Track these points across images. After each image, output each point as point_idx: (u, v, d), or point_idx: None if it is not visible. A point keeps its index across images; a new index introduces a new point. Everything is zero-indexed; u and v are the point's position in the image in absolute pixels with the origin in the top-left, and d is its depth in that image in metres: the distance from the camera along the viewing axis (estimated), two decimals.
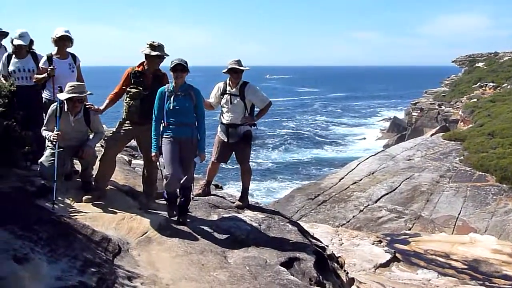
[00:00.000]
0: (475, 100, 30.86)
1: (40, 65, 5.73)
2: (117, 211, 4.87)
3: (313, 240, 5.36)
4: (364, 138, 46.01)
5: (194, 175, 5.40)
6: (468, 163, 18.29)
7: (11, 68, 5.84)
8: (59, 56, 5.74)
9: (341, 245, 10.05)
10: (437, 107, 36.32)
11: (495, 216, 14.54)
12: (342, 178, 18.61)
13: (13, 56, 5.91)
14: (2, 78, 5.91)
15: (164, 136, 4.92)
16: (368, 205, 16.06)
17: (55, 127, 5.05)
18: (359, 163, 20.34)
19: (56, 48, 5.74)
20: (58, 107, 5.08)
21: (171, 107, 4.82)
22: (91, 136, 5.38)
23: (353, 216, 15.55)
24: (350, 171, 19.31)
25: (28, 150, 5.92)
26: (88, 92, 5.20)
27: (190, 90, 4.94)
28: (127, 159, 7.62)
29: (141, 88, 5.13)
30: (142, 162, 8.29)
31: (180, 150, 4.90)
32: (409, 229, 14.24)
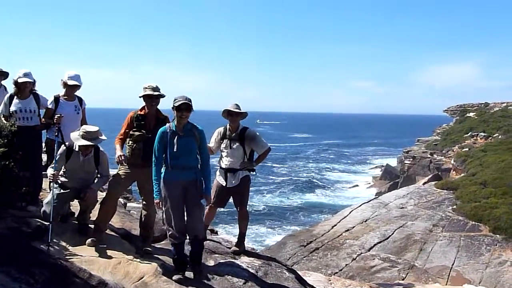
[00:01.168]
0: (467, 149, 31.22)
1: (48, 104, 5.88)
2: (113, 255, 4.84)
3: None
4: (357, 185, 46.02)
5: None
6: (461, 212, 18.31)
7: (12, 108, 5.85)
8: (66, 98, 5.89)
9: None
10: (429, 156, 36.66)
11: (489, 267, 14.44)
12: (335, 225, 18.48)
13: (15, 96, 5.96)
14: (3, 118, 5.96)
15: (166, 180, 4.69)
16: (361, 253, 15.90)
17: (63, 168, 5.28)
18: (352, 210, 20.28)
19: (64, 90, 5.91)
20: (66, 148, 5.27)
21: (174, 149, 4.59)
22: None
23: (346, 265, 15.36)
24: (343, 218, 19.21)
25: (25, 191, 5.93)
26: (103, 138, 5.31)
27: (194, 130, 4.73)
28: (122, 202, 7.60)
29: (144, 131, 5.12)
30: (137, 205, 8.31)
31: (185, 196, 4.72)
32: (403, 279, 14.07)
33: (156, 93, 5.10)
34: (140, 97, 5.16)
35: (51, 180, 5.10)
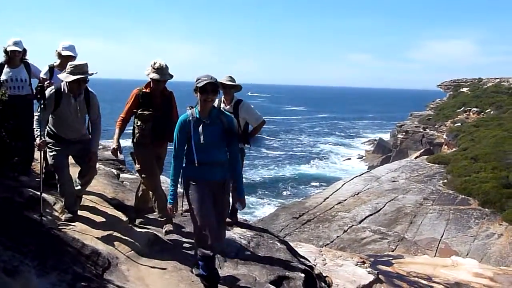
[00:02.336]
0: (459, 124, 31.38)
1: (41, 75, 5.76)
2: (106, 225, 4.86)
3: (302, 259, 5.41)
4: (349, 159, 46.26)
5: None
6: (451, 187, 18.53)
7: (3, 77, 5.81)
8: (60, 68, 5.62)
9: (324, 265, 10.04)
10: (421, 130, 36.82)
11: (477, 240, 14.70)
12: (327, 197, 18.67)
13: (6, 65, 5.90)
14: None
15: (194, 179, 3.88)
16: (352, 225, 16.10)
17: (51, 118, 4.87)
18: (344, 183, 20.47)
19: (59, 60, 5.75)
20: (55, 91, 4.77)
21: (200, 140, 3.77)
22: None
23: (337, 236, 15.57)
24: (335, 191, 19.40)
25: (17, 161, 5.91)
26: (95, 71, 4.87)
27: (221, 117, 3.92)
28: (115, 173, 7.59)
29: (152, 110, 4.89)
30: (130, 176, 8.31)
31: (212, 196, 3.95)
32: (393, 251, 14.31)
33: (163, 78, 4.89)
34: (147, 75, 4.91)
35: (37, 149, 4.81)
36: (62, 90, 4.80)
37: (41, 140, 4.68)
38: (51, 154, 4.88)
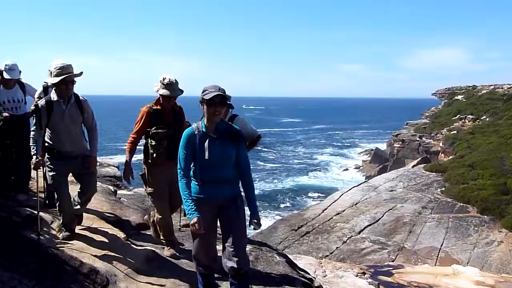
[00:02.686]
0: (455, 132, 31.50)
1: (36, 96, 5.65)
2: (104, 242, 4.84)
3: (301, 272, 5.38)
4: (347, 169, 46.31)
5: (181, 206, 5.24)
6: (450, 194, 18.54)
7: (2, 98, 5.85)
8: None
9: (324, 277, 9.99)
10: (418, 139, 36.93)
11: (477, 248, 14.67)
12: (325, 209, 18.63)
13: (1, 86, 5.93)
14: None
15: (194, 198, 3.58)
16: (351, 236, 16.07)
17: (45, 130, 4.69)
18: (342, 194, 20.45)
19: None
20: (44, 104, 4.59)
21: (206, 156, 3.51)
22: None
23: (337, 248, 15.52)
24: (333, 202, 19.37)
25: (13, 180, 5.91)
26: (80, 71, 4.66)
27: (230, 131, 3.66)
28: (112, 189, 7.58)
29: (167, 128, 4.72)
30: (128, 193, 8.29)
31: (221, 218, 3.73)
32: (393, 261, 14.26)
33: (174, 94, 4.73)
34: (157, 91, 4.73)
35: (33, 168, 4.67)
36: (51, 99, 4.65)
37: (37, 159, 4.57)
38: (51, 174, 4.76)
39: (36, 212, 4.98)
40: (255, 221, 3.65)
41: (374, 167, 41.77)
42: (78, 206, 5.01)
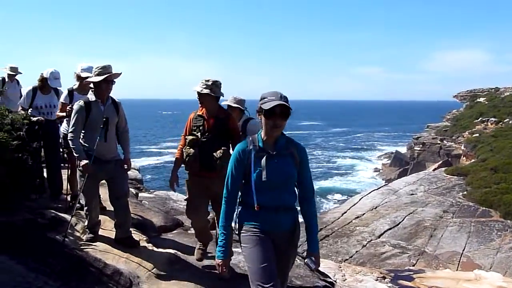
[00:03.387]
0: (477, 135, 31.04)
1: (61, 100, 5.73)
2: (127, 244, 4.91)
3: (322, 275, 5.38)
4: (367, 172, 45.98)
5: None
6: (472, 198, 18.28)
7: (39, 103, 6.13)
8: (80, 91, 5.69)
9: (344, 281, 9.95)
10: (439, 142, 36.51)
11: (500, 253, 14.43)
12: (345, 212, 18.54)
13: (39, 90, 6.19)
14: (21, 110, 6.14)
15: (248, 227, 3.03)
16: (371, 240, 15.95)
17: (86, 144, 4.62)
18: (362, 197, 20.32)
19: (78, 83, 5.73)
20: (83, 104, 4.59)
21: (263, 177, 2.93)
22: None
23: (356, 251, 15.43)
24: (353, 205, 19.26)
25: (39, 183, 6.05)
26: (120, 72, 4.70)
27: (291, 148, 3.06)
28: (134, 192, 7.68)
29: (198, 134, 4.39)
30: (149, 195, 8.38)
31: (275, 251, 3.04)
32: (413, 265, 14.11)
33: (205, 91, 4.31)
34: (194, 90, 4.41)
35: (82, 173, 4.60)
36: (90, 99, 4.65)
37: (85, 163, 4.51)
38: (83, 178, 4.67)
39: (60, 214, 5.11)
40: (313, 259, 3.05)
41: (394, 170, 41.40)
42: (119, 229, 4.92)
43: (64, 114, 5.60)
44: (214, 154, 4.27)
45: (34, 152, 5.67)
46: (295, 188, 3.12)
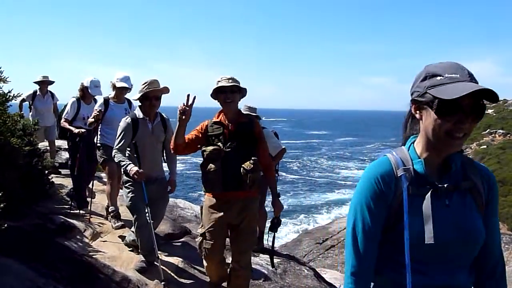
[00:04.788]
0: (485, 146, 30.90)
1: (96, 107, 5.63)
2: (135, 251, 4.93)
3: (329, 286, 5.38)
4: None
5: None
6: None
7: (84, 113, 6.25)
8: (115, 100, 5.69)
9: None
10: None
11: (507, 266, 14.30)
12: None
13: (81, 101, 6.34)
14: (65, 123, 6.21)
15: None
16: None
17: (131, 147, 4.37)
18: None
19: (114, 92, 5.69)
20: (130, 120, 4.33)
21: (428, 238, 1.46)
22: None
23: None
24: None
25: (48, 187, 6.14)
26: (165, 86, 4.35)
27: (470, 172, 1.60)
28: None
29: (220, 144, 3.62)
30: None
31: None
32: None
33: (234, 83, 3.59)
34: (212, 95, 3.72)
35: (136, 178, 4.19)
36: (137, 116, 4.40)
37: (135, 170, 4.16)
38: (130, 195, 4.38)
39: (69, 220, 5.16)
40: None
41: None
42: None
43: (93, 120, 5.50)
44: (243, 166, 3.57)
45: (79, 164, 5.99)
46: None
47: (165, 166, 4.71)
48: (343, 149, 78.65)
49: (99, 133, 5.67)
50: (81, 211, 6.00)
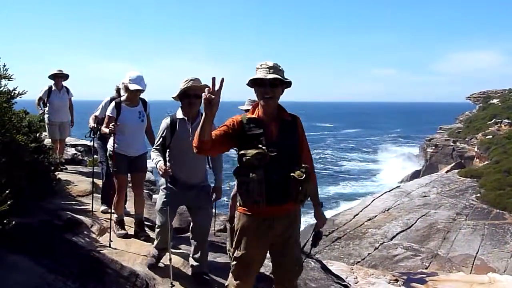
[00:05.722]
0: (490, 136, 30.76)
1: (108, 113, 5.07)
2: (143, 246, 4.97)
3: (336, 278, 5.39)
4: (379, 174, 45.73)
5: (214, 210, 5.16)
6: (485, 201, 18.15)
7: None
8: (128, 103, 5.09)
9: (356, 283, 9.92)
10: (452, 144, 36.20)
11: None
12: (357, 214, 18.50)
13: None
14: (91, 122, 5.96)
15: None
16: (384, 242, 15.89)
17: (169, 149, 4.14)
18: (374, 199, 20.26)
19: (126, 94, 5.14)
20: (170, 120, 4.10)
21: None
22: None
23: (368, 254, 15.38)
24: (365, 208, 19.21)
25: (55, 184, 6.17)
26: (200, 84, 4.00)
27: None
28: (147, 194, 7.74)
29: (263, 147, 2.93)
30: None
31: None
32: (426, 268, 14.03)
33: (271, 76, 2.92)
34: (248, 84, 3.07)
35: (160, 174, 4.05)
36: (176, 116, 4.14)
37: (163, 167, 3.98)
38: (163, 199, 4.21)
39: (76, 215, 5.18)
40: None
41: (407, 172, 41.16)
42: (195, 263, 4.40)
43: (107, 131, 4.94)
44: (293, 175, 2.94)
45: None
46: None
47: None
48: (347, 140, 78.57)
49: (111, 140, 5.10)
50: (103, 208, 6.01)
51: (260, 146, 2.91)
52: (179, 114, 4.11)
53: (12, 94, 4.43)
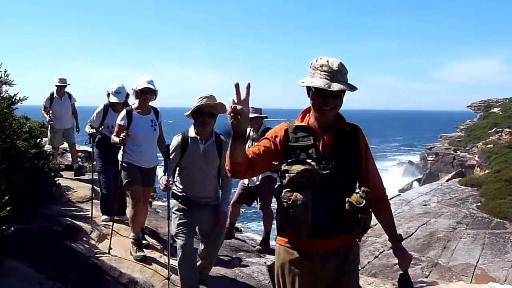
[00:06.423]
0: (491, 145, 30.75)
1: (118, 121, 4.82)
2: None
3: None
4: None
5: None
6: (486, 210, 18.09)
7: (111, 121, 5.76)
8: (140, 111, 4.87)
9: None
10: (452, 152, 36.21)
11: None
12: None
13: (110, 108, 5.96)
14: (88, 128, 5.95)
15: None
16: (384, 250, 15.80)
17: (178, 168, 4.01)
18: None
19: (137, 100, 4.89)
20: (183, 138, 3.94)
21: None
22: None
23: (368, 262, 15.31)
24: None
25: (54, 190, 6.16)
26: (219, 102, 3.79)
27: None
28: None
29: (312, 162, 2.29)
30: (163, 204, 8.41)
31: None
32: (426, 277, 13.96)
33: (338, 87, 2.22)
34: (302, 84, 2.33)
35: (163, 189, 3.93)
36: (188, 134, 3.96)
37: (165, 181, 3.87)
38: (177, 222, 4.01)
39: (76, 222, 5.17)
40: None
41: (407, 180, 41.12)
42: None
43: (118, 140, 4.69)
44: (350, 200, 2.30)
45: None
46: None
47: None
48: None
49: (121, 150, 4.92)
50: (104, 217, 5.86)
51: (308, 161, 2.28)
52: (192, 132, 3.93)
53: (13, 100, 4.44)
